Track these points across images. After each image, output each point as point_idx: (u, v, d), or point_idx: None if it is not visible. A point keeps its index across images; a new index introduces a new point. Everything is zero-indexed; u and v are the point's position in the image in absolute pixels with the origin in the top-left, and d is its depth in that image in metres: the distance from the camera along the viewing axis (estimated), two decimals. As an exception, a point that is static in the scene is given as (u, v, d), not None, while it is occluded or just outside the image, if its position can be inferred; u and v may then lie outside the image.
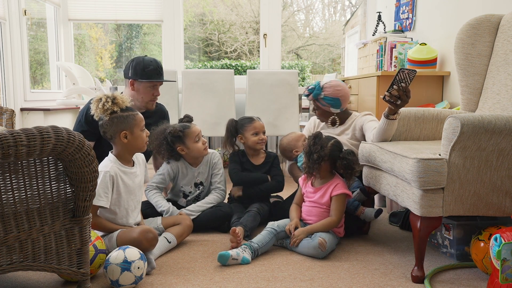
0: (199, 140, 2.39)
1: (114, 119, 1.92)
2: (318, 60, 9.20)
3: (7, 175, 1.35)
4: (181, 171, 2.44)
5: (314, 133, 2.13)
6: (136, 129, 1.96)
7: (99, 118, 1.95)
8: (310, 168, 2.08)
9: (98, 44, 6.52)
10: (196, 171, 2.45)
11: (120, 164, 1.95)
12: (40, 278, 1.76)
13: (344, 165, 2.07)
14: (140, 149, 2.01)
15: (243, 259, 1.91)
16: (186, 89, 3.68)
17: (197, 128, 2.41)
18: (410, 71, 1.92)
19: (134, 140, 1.96)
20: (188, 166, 2.45)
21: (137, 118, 1.97)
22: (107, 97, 1.92)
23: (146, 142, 2.02)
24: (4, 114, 2.98)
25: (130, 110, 1.97)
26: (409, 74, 1.93)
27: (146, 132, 2.02)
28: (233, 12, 8.61)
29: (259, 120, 2.53)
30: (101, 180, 1.87)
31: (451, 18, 3.02)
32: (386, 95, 1.99)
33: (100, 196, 1.86)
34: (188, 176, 2.44)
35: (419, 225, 1.72)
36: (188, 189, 2.45)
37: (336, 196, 2.07)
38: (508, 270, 1.44)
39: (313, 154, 2.06)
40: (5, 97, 3.85)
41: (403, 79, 1.94)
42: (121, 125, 1.93)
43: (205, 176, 2.47)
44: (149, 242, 1.83)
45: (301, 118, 4.49)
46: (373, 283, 1.73)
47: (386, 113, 2.06)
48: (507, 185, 1.71)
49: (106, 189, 1.88)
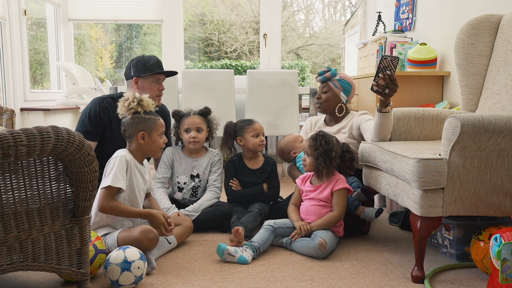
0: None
1: (135, 119, 1.98)
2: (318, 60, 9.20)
3: (7, 175, 1.35)
4: (177, 159, 2.49)
5: (320, 133, 2.14)
6: (155, 133, 2.01)
7: (122, 116, 2.01)
8: (327, 167, 2.09)
9: (98, 44, 6.52)
10: (194, 162, 2.48)
11: (133, 158, 1.98)
12: (40, 278, 1.76)
13: (350, 158, 2.17)
14: (154, 153, 2.05)
15: (240, 258, 1.91)
16: (186, 89, 3.68)
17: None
18: (393, 57, 1.93)
19: (151, 143, 2.01)
20: (186, 156, 2.49)
21: (158, 123, 2.03)
22: (134, 98, 1.98)
23: (161, 148, 2.06)
24: (4, 114, 2.98)
25: (153, 115, 2.03)
26: (392, 61, 1.94)
27: (164, 139, 2.06)
28: (233, 12, 8.61)
29: (258, 122, 2.54)
30: (118, 164, 1.89)
31: (451, 18, 3.02)
32: (374, 84, 1.99)
33: (117, 178, 1.87)
34: (184, 165, 2.48)
35: (419, 225, 1.72)
36: (183, 180, 2.46)
37: (337, 191, 2.09)
38: (508, 270, 1.44)
39: (330, 152, 2.08)
40: (5, 97, 3.85)
41: (387, 67, 1.95)
42: (141, 125, 1.98)
43: (203, 170, 2.48)
44: (150, 242, 1.83)
45: (301, 118, 4.49)
46: (373, 283, 1.73)
47: (378, 107, 2.06)
48: (507, 185, 1.71)
49: (123, 172, 1.90)
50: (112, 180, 1.85)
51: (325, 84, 2.51)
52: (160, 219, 1.92)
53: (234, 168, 2.52)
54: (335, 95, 2.49)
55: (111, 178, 1.86)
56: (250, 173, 2.51)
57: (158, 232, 1.92)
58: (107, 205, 1.85)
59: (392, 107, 2.08)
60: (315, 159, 2.11)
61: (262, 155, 2.58)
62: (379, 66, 1.94)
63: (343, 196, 2.09)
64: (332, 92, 2.49)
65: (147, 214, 1.92)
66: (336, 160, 2.11)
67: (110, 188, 1.85)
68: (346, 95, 2.49)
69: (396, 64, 1.95)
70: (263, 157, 2.56)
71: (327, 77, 2.49)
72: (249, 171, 2.52)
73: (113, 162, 1.91)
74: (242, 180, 2.51)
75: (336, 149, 2.12)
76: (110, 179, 1.86)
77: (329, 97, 2.50)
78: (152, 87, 2.47)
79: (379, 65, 1.94)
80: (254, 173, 2.51)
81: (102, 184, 1.88)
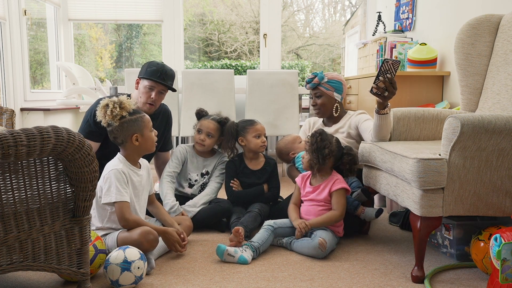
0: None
1: (124, 124, 1.94)
2: (318, 60, 9.19)
3: (7, 175, 1.35)
4: (189, 158, 2.54)
5: (318, 131, 2.15)
6: (146, 130, 1.99)
7: (107, 124, 1.95)
8: (319, 163, 2.09)
9: (98, 44, 6.52)
10: (205, 161, 2.55)
11: (129, 165, 1.97)
12: (40, 278, 1.76)
13: (349, 160, 2.15)
14: (150, 149, 2.04)
15: (240, 258, 1.91)
16: (186, 89, 3.68)
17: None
18: (394, 61, 1.94)
19: (145, 141, 1.99)
20: (197, 156, 2.55)
21: (145, 120, 2.00)
22: (114, 103, 1.92)
23: (155, 142, 2.05)
24: (4, 114, 2.98)
25: (137, 113, 1.99)
26: (393, 65, 1.94)
27: (155, 132, 2.05)
28: (233, 12, 8.61)
29: (260, 123, 2.54)
30: (116, 178, 1.88)
31: (451, 18, 3.02)
32: (373, 87, 1.99)
33: (120, 193, 1.86)
34: (197, 163, 2.55)
35: (419, 225, 1.72)
36: (194, 177, 2.53)
37: (336, 191, 2.09)
38: (508, 270, 1.44)
39: (323, 149, 2.08)
40: (5, 97, 3.85)
41: (388, 70, 1.95)
42: (132, 128, 1.95)
43: (211, 168, 2.56)
44: (149, 243, 1.83)
45: (301, 118, 4.49)
46: (373, 283, 1.73)
47: (376, 109, 2.07)
48: (507, 185, 1.71)
49: (124, 184, 1.89)
50: (117, 196, 1.85)
51: (316, 90, 2.50)
52: (175, 236, 1.95)
53: (235, 168, 2.52)
54: (329, 97, 2.49)
55: (115, 193, 1.85)
56: (251, 174, 2.51)
57: (173, 249, 1.95)
58: (131, 218, 1.87)
59: (390, 108, 2.08)
60: (310, 154, 2.12)
61: (263, 155, 2.58)
62: (380, 69, 1.95)
63: (342, 196, 2.09)
64: (325, 96, 2.49)
65: (163, 232, 1.94)
66: (329, 158, 2.10)
67: (122, 203, 1.86)
68: (339, 93, 2.49)
69: (397, 68, 1.95)
70: (264, 158, 2.56)
71: (316, 83, 2.48)
72: (250, 172, 2.51)
73: (110, 178, 1.88)
74: (243, 181, 2.51)
75: (330, 147, 2.10)
76: (114, 194, 1.85)
77: (324, 102, 2.50)
78: (145, 92, 2.41)
79: (380, 68, 1.95)
80: (254, 174, 2.51)
81: (105, 200, 1.87)
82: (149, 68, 2.42)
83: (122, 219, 1.86)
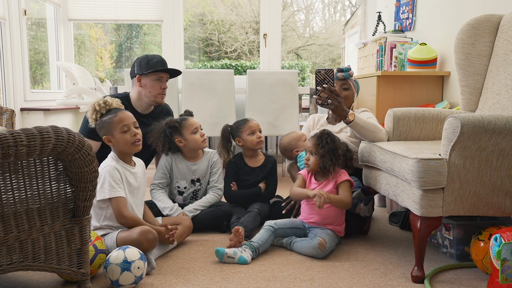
0: (197, 132, 2.39)
1: (97, 126, 1.98)
2: (318, 60, 9.19)
3: (7, 175, 1.35)
4: (176, 164, 2.43)
5: (324, 131, 2.14)
6: (115, 131, 1.94)
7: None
8: (334, 164, 2.09)
9: (98, 44, 6.52)
10: (193, 166, 2.44)
11: (122, 162, 1.97)
12: (40, 278, 1.76)
13: (349, 157, 2.19)
14: (128, 150, 1.97)
15: (240, 258, 1.91)
16: (186, 89, 3.68)
17: (195, 120, 2.42)
18: (327, 70, 2.03)
19: (117, 143, 1.96)
20: (184, 161, 2.44)
21: (115, 120, 1.94)
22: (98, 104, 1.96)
23: (133, 142, 1.95)
24: (4, 114, 2.98)
25: (112, 113, 1.96)
26: (327, 74, 2.03)
27: (134, 131, 1.96)
28: (233, 12, 8.61)
29: (253, 120, 2.53)
30: (110, 174, 1.88)
31: (451, 18, 3.02)
32: (316, 98, 2.06)
33: (114, 188, 1.86)
34: (184, 170, 2.44)
35: (419, 225, 1.72)
36: (183, 184, 2.44)
37: (342, 183, 2.10)
38: (508, 270, 1.44)
39: (336, 150, 2.10)
40: (5, 97, 3.85)
41: (323, 80, 2.05)
42: (103, 130, 1.97)
43: (203, 174, 2.46)
44: (149, 243, 1.83)
45: (301, 118, 4.49)
46: (373, 283, 1.73)
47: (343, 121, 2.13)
48: (507, 185, 1.71)
49: (118, 180, 1.89)
50: (111, 192, 1.85)
51: (345, 82, 2.43)
52: (162, 233, 1.95)
53: (236, 169, 2.53)
54: (352, 93, 2.46)
55: (108, 189, 1.86)
56: (251, 172, 2.52)
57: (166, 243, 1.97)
58: (129, 215, 1.88)
59: (353, 115, 2.09)
60: (321, 157, 2.10)
61: (262, 153, 2.58)
62: (316, 80, 2.04)
63: (348, 188, 2.11)
64: (351, 90, 2.45)
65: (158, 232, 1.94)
66: (341, 158, 2.12)
67: (118, 199, 1.86)
68: (357, 95, 2.51)
69: (332, 76, 2.05)
70: (263, 156, 2.57)
71: (350, 74, 2.43)
72: (249, 169, 2.52)
73: (103, 174, 1.88)
74: (243, 179, 2.52)
75: (341, 147, 2.14)
76: (108, 190, 1.86)
77: (349, 95, 2.43)
78: (154, 85, 2.48)
79: (316, 80, 2.04)
80: (254, 171, 2.52)
81: (99, 196, 1.87)
82: (150, 62, 2.47)
83: (119, 216, 1.87)
